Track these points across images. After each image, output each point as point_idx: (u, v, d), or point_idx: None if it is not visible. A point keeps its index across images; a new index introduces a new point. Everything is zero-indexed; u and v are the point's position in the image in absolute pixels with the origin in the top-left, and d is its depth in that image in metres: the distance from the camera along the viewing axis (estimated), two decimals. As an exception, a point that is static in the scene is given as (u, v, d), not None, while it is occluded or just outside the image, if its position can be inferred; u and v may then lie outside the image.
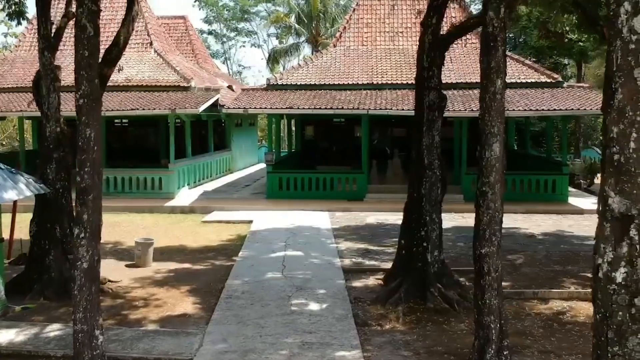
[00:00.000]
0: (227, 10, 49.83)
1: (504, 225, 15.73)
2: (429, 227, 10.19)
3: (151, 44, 24.48)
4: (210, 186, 23.86)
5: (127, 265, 12.68)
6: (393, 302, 9.73)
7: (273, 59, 40.39)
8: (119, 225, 17.26)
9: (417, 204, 10.25)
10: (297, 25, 39.43)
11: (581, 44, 32.67)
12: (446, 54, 10.41)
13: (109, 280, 11.35)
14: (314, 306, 9.75)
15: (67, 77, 23.23)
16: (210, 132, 26.23)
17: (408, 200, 10.48)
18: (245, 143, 31.70)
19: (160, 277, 11.79)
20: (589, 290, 10.52)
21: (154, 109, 19.99)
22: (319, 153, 27.26)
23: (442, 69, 10.31)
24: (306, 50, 40.25)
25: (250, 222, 17.31)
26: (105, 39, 10.83)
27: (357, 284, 11.17)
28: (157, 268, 12.45)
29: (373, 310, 9.68)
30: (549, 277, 11.50)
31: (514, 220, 17.46)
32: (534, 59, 30.90)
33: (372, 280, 11.36)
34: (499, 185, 6.47)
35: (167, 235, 15.85)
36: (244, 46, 58.99)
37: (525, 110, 19.03)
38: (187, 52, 30.88)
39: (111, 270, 12.27)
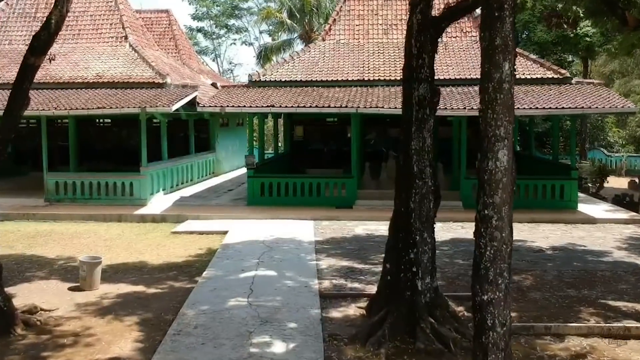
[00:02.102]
0: (217, 5, 47.94)
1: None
2: (419, 248, 8.42)
3: (126, 37, 22.71)
4: (189, 191, 22.09)
5: (70, 288, 10.89)
6: (375, 342, 7.95)
7: (264, 56, 38.55)
8: (79, 237, 15.50)
9: (405, 220, 8.47)
10: (289, 21, 37.60)
11: (588, 39, 30.96)
12: (444, 48, 8.85)
13: (41, 309, 9.58)
14: (278, 347, 7.96)
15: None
16: (191, 133, 24.44)
17: (394, 215, 8.71)
18: (233, 144, 29.90)
19: (104, 304, 10.01)
20: (613, 324, 8.76)
21: (122, 107, 18.20)
22: (310, 155, 25.55)
23: (439, 64, 8.61)
24: (299, 47, 38.45)
25: (225, 233, 15.54)
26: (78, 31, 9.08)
27: (335, 314, 9.38)
28: (105, 292, 10.68)
29: (350, 351, 7.89)
30: (562, 306, 9.72)
31: (519, 232, 15.65)
32: (537, 56, 29.14)
33: (353, 309, 9.58)
34: (507, 207, 4.70)
35: (129, 249, 14.10)
36: (234, 43, 57.11)
37: (530, 108, 17.24)
38: (170, 47, 29.12)
39: (51, 294, 10.53)
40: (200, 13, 48.45)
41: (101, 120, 27.83)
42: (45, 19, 9.17)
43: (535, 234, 15.42)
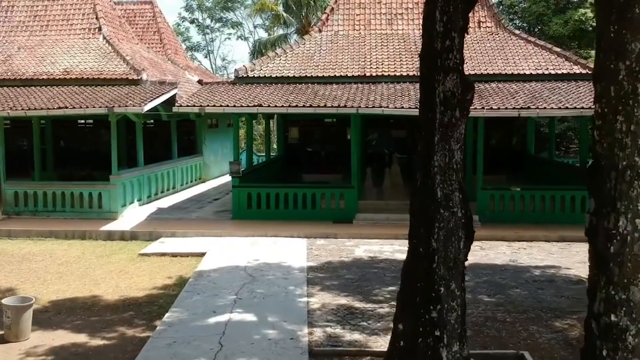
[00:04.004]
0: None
1: (535, 263, 11.51)
2: (444, 304, 6.05)
3: (100, 29, 20.34)
4: (169, 201, 19.72)
5: (-8, 339, 8.55)
6: None
7: (258, 52, 36.11)
8: (30, 260, 13.16)
9: (425, 266, 6.10)
10: (285, 14, 35.17)
11: (608, 32, 28.59)
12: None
13: (-61, 376, 7.24)
14: None
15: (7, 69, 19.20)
16: (173, 135, 22.05)
17: (409, 258, 6.33)
18: (223, 147, 27.49)
19: (27, 366, 7.66)
20: None
21: (87, 107, 15.83)
22: (306, 158, 23.27)
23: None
24: (296, 42, 35.91)
25: (202, 255, 13.21)
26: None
27: (327, 385, 7.02)
28: (35, 343, 8.33)
29: None
30: (631, 372, 7.32)
31: (548, 254, 13.34)
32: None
33: (352, 377, 7.22)
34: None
35: (84, 278, 11.74)
36: (229, 38, 54.66)
37: (560, 108, 14.82)
38: (154, 42, 26.79)
39: (-37, 348, 8.19)
40: (194, 5, 45.84)
41: (84, 121, 25.41)
42: None
43: (568, 257, 13.03)
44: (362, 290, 10.54)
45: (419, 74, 6.51)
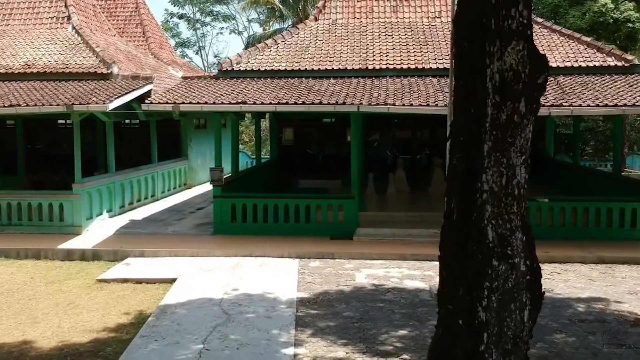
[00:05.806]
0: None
1: (576, 294, 9.06)
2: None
3: (69, 18, 18.12)
4: (145, 211, 17.48)
5: None
6: None
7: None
8: (-34, 288, 10.94)
9: (467, 346, 3.87)
10: (281, 7, 32.94)
11: (630, 24, 26.42)
12: None
13: None
14: None
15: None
16: (153, 137, 19.79)
17: (440, 331, 4.10)
18: (211, 150, 25.15)
19: None
20: None
21: (44, 104, 13.59)
22: (302, 162, 21.13)
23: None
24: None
25: (173, 281, 11.00)
26: None
27: None
28: None
29: None
30: None
31: (589, 281, 11.08)
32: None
33: None
34: None
35: (22, 313, 9.54)
36: (221, 33, 52.35)
37: (598, 106, 12.54)
38: (136, 35, 24.57)
39: None
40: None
41: (64, 120, 23.11)
42: None
43: (615, 285, 10.78)
44: (365, 336, 8.28)
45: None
